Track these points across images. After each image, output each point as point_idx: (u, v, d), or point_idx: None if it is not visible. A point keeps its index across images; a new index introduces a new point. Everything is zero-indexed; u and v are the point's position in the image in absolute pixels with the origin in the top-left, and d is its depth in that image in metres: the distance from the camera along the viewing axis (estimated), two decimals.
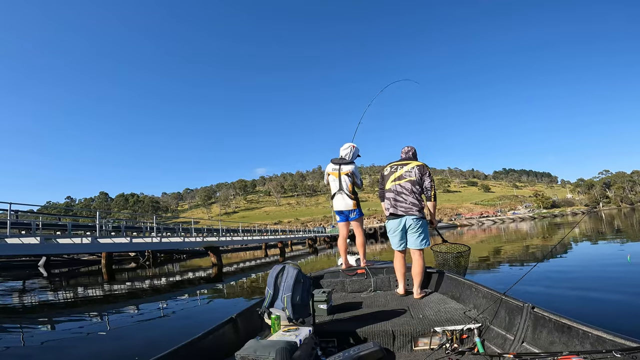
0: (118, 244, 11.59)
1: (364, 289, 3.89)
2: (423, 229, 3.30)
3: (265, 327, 2.53)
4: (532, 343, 1.88)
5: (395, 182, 3.38)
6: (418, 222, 3.27)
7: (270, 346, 1.78)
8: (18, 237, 9.57)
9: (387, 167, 3.54)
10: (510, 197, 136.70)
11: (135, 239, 12.77)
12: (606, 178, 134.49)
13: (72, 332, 5.17)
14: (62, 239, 10.45)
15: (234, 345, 2.08)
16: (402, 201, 3.30)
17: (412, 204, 3.26)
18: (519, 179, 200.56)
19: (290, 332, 2.07)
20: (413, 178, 3.31)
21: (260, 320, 2.47)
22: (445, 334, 2.28)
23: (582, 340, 1.58)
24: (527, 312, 1.99)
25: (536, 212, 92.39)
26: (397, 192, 3.34)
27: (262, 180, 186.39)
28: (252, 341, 1.89)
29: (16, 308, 7.64)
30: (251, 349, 1.80)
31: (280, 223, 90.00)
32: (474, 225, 65.25)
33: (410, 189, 3.30)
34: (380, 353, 2.11)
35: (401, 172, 3.38)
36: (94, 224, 14.20)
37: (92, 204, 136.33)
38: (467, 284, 2.95)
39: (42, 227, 18.31)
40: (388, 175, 3.46)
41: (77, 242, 10.07)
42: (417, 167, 3.34)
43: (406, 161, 3.46)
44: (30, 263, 19.14)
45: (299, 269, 2.40)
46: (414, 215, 3.25)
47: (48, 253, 13.98)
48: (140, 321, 5.69)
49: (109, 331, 5.08)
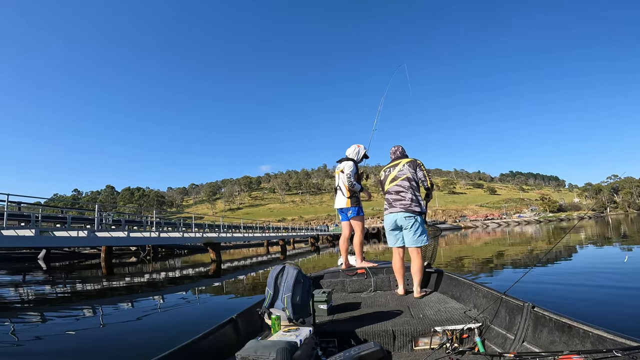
0: (116, 238, 11.51)
1: (364, 289, 3.90)
2: (419, 225, 3.30)
3: (265, 327, 2.53)
4: (533, 342, 1.87)
5: (391, 183, 3.45)
6: (414, 218, 3.28)
7: (270, 346, 1.78)
8: (14, 229, 9.48)
9: (381, 172, 3.65)
10: (517, 200, 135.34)
11: (133, 233, 12.68)
12: (614, 183, 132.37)
13: (54, 329, 5.03)
14: (59, 231, 10.37)
15: (234, 346, 2.08)
16: (400, 199, 3.34)
17: (410, 199, 3.31)
18: (525, 182, 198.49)
19: (291, 333, 2.07)
20: (407, 175, 3.38)
21: (260, 320, 2.46)
22: (446, 333, 2.26)
23: (582, 339, 1.57)
24: (527, 312, 1.98)
25: (542, 215, 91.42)
26: (395, 192, 3.40)
27: (267, 177, 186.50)
28: (253, 341, 1.89)
29: (13, 302, 7.54)
30: (252, 349, 1.80)
31: (284, 220, 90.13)
32: (479, 228, 64.66)
33: (407, 186, 3.36)
34: (380, 353, 2.09)
35: (395, 172, 3.46)
36: (99, 218, 14.08)
37: (98, 197, 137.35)
38: (467, 283, 2.95)
39: (44, 219, 18.36)
40: (384, 180, 3.55)
41: (73, 235, 9.97)
42: (407, 164, 3.43)
43: (396, 161, 3.55)
44: (30, 255, 19.16)
45: (299, 269, 2.40)
46: (413, 210, 3.28)
47: (43, 246, 13.98)
48: (124, 321, 5.50)
49: (97, 329, 4.94)
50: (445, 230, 61.31)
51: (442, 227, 69.30)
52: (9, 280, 11.62)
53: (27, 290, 9.01)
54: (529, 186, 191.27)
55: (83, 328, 5.06)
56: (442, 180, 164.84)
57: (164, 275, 11.77)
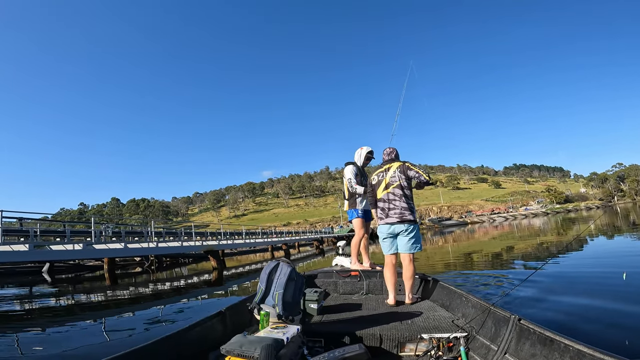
0: (113, 249, 11.43)
1: (356, 291, 3.90)
2: (414, 233, 3.28)
3: (254, 322, 2.52)
4: (514, 354, 1.87)
5: (385, 190, 3.38)
6: (409, 226, 3.26)
7: (256, 342, 1.78)
8: (9, 244, 9.39)
9: (373, 176, 3.56)
10: (522, 193, 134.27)
11: (131, 244, 12.58)
12: (620, 171, 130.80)
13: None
14: (55, 245, 10.28)
15: (220, 339, 2.08)
16: (394, 208, 3.30)
17: (403, 208, 3.27)
18: (530, 174, 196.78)
19: (278, 330, 2.07)
20: (399, 182, 3.32)
21: (249, 315, 2.48)
22: (432, 341, 2.29)
23: (562, 353, 1.58)
24: (513, 324, 1.99)
25: (549, 207, 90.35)
26: (388, 201, 3.34)
27: (270, 182, 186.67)
28: (239, 336, 1.89)
29: (18, 314, 7.46)
30: (237, 343, 1.79)
31: (289, 224, 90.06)
32: (485, 223, 64.15)
33: (400, 194, 3.29)
34: (365, 356, 2.07)
35: (387, 179, 3.39)
36: (98, 230, 14.09)
37: (104, 209, 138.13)
38: (458, 292, 2.95)
39: (47, 233, 18.36)
40: (377, 185, 3.47)
41: (69, 248, 9.87)
42: (398, 169, 3.36)
43: (388, 164, 3.47)
44: (35, 269, 19.14)
45: (292, 267, 2.42)
46: (407, 219, 3.25)
47: (39, 259, 14.00)
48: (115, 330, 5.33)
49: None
50: (452, 226, 60.94)
51: (447, 223, 68.97)
52: (16, 293, 11.61)
53: (33, 303, 8.93)
54: (534, 178, 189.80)
55: (85, 342, 4.90)
56: (446, 176, 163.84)
57: (166, 285, 11.59)
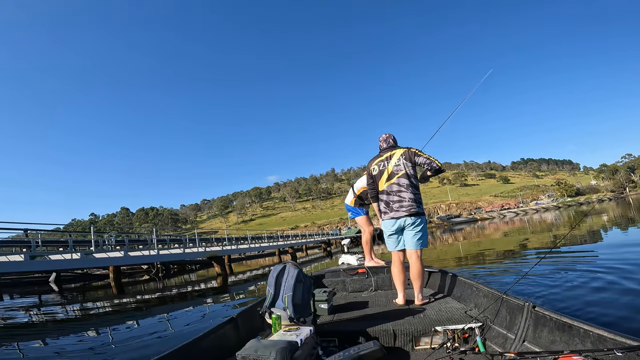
0: (113, 258, 11.32)
1: (364, 288, 3.89)
2: (422, 227, 3.01)
3: (266, 326, 2.52)
4: (533, 342, 1.85)
5: (388, 182, 3.06)
6: (417, 219, 2.97)
7: (271, 346, 1.77)
8: (6, 255, 9.27)
9: (373, 166, 3.18)
10: (532, 187, 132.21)
11: (132, 252, 12.44)
12: (630, 162, 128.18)
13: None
14: (54, 255, 10.16)
15: (234, 345, 2.08)
16: (400, 200, 2.98)
17: (411, 200, 2.96)
18: (538, 168, 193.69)
19: (291, 332, 2.05)
20: (405, 171, 3.00)
21: (261, 320, 2.47)
22: (447, 333, 2.26)
23: (583, 339, 1.56)
24: (527, 311, 1.97)
25: (560, 200, 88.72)
26: (393, 192, 3.02)
27: (277, 186, 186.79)
28: (253, 341, 1.88)
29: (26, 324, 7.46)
30: (252, 348, 1.79)
31: (297, 228, 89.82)
32: (495, 218, 63.07)
33: (407, 185, 2.98)
34: (380, 352, 2.05)
35: (390, 168, 3.05)
36: (101, 239, 14.04)
37: (114, 219, 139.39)
38: (468, 283, 2.93)
39: (49, 244, 18.36)
40: (378, 175, 3.13)
41: (67, 257, 9.72)
42: (402, 156, 3.04)
43: (389, 151, 3.12)
44: (42, 279, 19.16)
45: (299, 269, 2.39)
46: (417, 212, 2.98)
47: (34, 270, 14.13)
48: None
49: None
50: (461, 223, 60.02)
51: (457, 220, 67.98)
52: (26, 303, 11.56)
53: (42, 311, 8.87)
54: (543, 172, 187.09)
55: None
56: (453, 173, 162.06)
57: (173, 292, 11.51)
